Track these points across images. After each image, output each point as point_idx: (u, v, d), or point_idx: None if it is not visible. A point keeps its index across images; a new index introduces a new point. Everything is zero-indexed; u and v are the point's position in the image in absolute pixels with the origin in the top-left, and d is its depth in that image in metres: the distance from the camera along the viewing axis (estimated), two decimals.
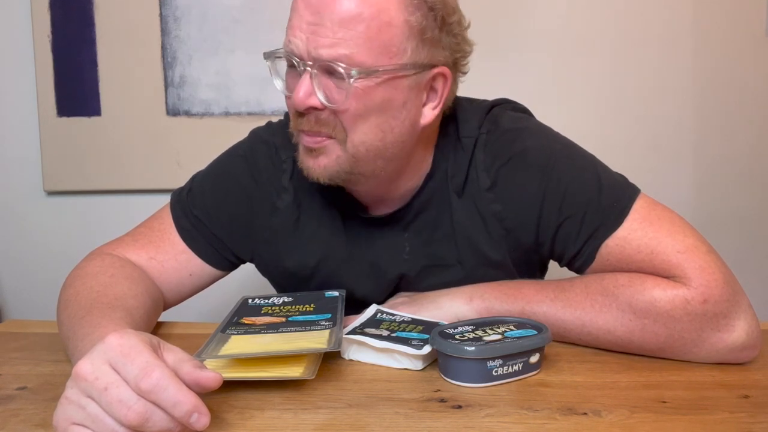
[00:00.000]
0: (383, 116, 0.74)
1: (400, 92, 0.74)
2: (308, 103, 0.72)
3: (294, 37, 0.72)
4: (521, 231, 0.82)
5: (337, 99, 0.72)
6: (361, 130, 0.74)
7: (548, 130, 0.86)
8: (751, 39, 1.66)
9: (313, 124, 0.74)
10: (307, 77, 0.72)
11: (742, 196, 1.72)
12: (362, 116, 0.73)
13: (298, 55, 0.72)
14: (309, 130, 0.75)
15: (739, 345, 0.69)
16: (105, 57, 1.70)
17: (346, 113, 0.72)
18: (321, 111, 0.73)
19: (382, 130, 0.75)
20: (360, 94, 0.71)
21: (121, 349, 0.51)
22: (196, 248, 0.88)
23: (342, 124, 0.73)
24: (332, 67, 0.70)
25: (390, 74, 0.72)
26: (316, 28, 0.70)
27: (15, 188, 1.78)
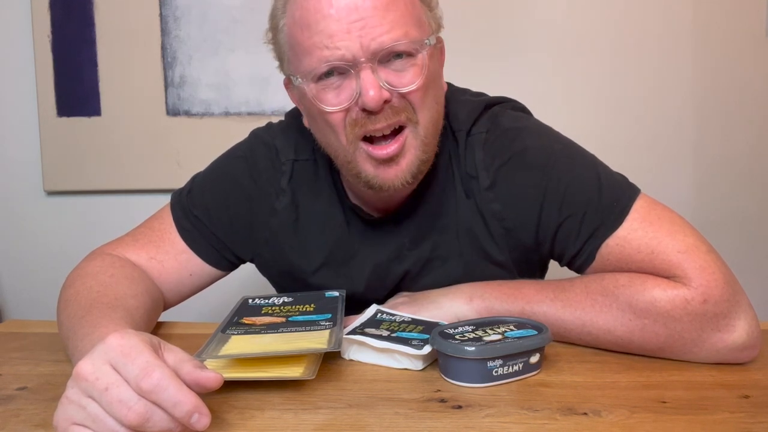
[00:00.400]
0: (435, 86, 0.77)
1: (436, 60, 0.78)
2: (383, 97, 0.72)
3: (340, 41, 0.70)
4: (521, 231, 0.82)
5: (405, 81, 0.73)
6: (427, 106, 0.76)
7: (548, 130, 0.86)
8: (751, 39, 1.66)
9: (391, 115, 0.74)
10: (369, 73, 0.71)
11: (742, 196, 1.72)
12: (427, 91, 0.75)
13: (350, 59, 0.71)
14: (387, 125, 0.73)
15: (740, 345, 0.69)
16: (105, 57, 1.70)
17: (417, 92, 0.74)
18: (390, 101, 0.73)
19: (437, 101, 0.78)
20: (424, 68, 0.73)
21: (121, 349, 0.51)
22: (197, 248, 0.88)
23: (412, 106, 0.74)
24: (395, 50, 0.71)
25: (433, 42, 0.76)
26: (364, 22, 0.70)
27: (15, 188, 1.78)
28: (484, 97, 0.89)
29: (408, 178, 0.76)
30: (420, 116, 0.75)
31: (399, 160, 0.75)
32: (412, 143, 0.76)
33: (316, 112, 0.76)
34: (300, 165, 0.87)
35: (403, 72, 0.73)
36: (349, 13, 0.70)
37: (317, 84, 0.74)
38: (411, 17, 0.73)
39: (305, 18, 0.72)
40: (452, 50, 0.84)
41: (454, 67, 0.83)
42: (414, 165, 0.76)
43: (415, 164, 0.76)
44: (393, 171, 0.76)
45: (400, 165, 0.76)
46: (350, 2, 0.70)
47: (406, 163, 0.76)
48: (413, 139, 0.76)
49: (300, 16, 0.73)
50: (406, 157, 0.76)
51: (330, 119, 0.75)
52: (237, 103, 1.70)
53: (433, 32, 0.77)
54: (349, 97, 0.73)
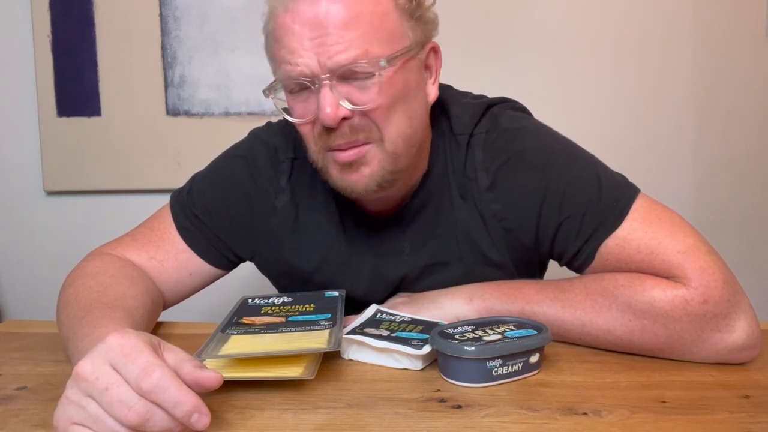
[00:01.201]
0: (407, 102, 0.76)
1: (413, 73, 0.76)
2: (340, 115, 0.72)
3: (300, 58, 0.71)
4: (521, 231, 0.82)
5: (366, 99, 0.72)
6: (394, 123, 0.74)
7: (548, 130, 0.86)
8: (751, 39, 1.66)
9: (349, 134, 0.73)
10: (327, 90, 0.71)
11: (742, 196, 1.72)
12: (392, 108, 0.74)
13: (310, 74, 0.72)
14: (345, 143, 0.74)
15: (740, 345, 0.69)
16: (105, 57, 1.70)
17: (378, 110, 0.73)
18: (351, 118, 0.73)
19: (409, 116, 0.76)
20: (386, 86, 0.72)
21: (121, 349, 0.51)
22: (197, 247, 0.88)
23: (375, 124, 0.74)
24: (353, 69, 0.71)
25: (403, 57, 0.74)
26: (323, 39, 0.70)
27: (15, 188, 1.78)
28: (485, 99, 0.89)
29: (372, 187, 0.76)
30: (386, 133, 0.74)
31: (361, 167, 0.75)
32: (376, 155, 0.75)
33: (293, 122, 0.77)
34: (299, 163, 0.87)
35: (365, 90, 0.72)
36: (310, 29, 0.70)
37: (291, 96, 0.76)
38: (376, 33, 0.71)
39: (276, 31, 0.73)
40: (452, 51, 0.84)
41: (454, 68, 0.83)
42: (378, 175, 0.76)
43: (379, 174, 0.76)
44: (355, 177, 0.76)
45: (363, 172, 0.76)
46: (312, 19, 0.70)
47: (370, 173, 0.76)
48: (379, 152, 0.75)
49: (273, 29, 0.74)
50: (370, 167, 0.75)
51: (300, 129, 0.77)
52: (237, 103, 1.70)
53: (413, 42, 0.75)
54: (313, 111, 0.73)
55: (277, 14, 0.73)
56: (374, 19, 0.71)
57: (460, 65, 0.84)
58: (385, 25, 0.72)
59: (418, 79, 0.77)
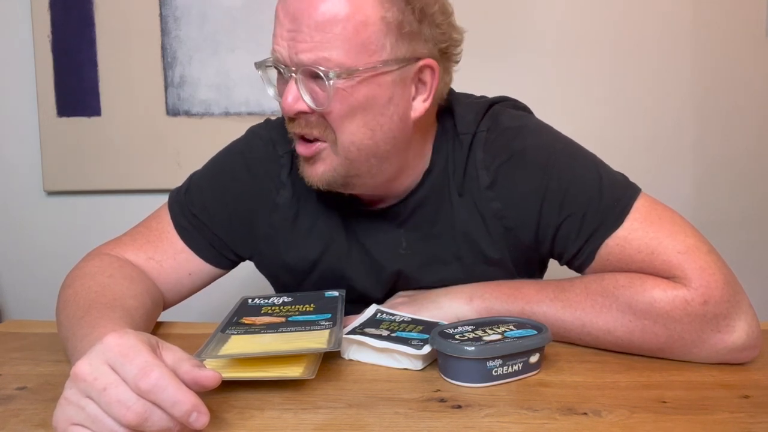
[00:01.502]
0: (369, 114, 0.75)
1: (384, 89, 0.74)
2: (296, 108, 0.74)
3: (278, 45, 0.73)
4: (521, 230, 0.82)
5: (321, 101, 0.73)
6: (349, 130, 0.74)
7: (549, 129, 0.86)
8: (751, 39, 1.66)
9: (304, 126, 0.75)
10: (293, 83, 0.73)
11: (742, 196, 1.72)
12: (348, 116, 0.74)
13: (283, 62, 0.74)
14: (300, 132, 0.76)
15: (740, 346, 0.69)
16: (105, 57, 1.70)
17: (331, 114, 0.74)
18: (310, 114, 0.74)
19: (370, 128, 0.75)
20: (343, 95, 0.72)
21: (119, 349, 0.51)
22: (195, 247, 0.88)
23: (330, 126, 0.74)
24: (313, 70, 0.71)
25: (370, 72, 0.72)
26: (295, 34, 0.71)
27: (15, 188, 1.78)
28: (487, 99, 0.89)
29: (322, 184, 0.78)
30: (339, 138, 0.75)
31: (314, 163, 0.78)
32: (328, 156, 0.76)
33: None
34: None
35: (324, 92, 0.72)
36: (289, 21, 0.71)
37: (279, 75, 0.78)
38: (345, 42, 0.70)
39: (275, 13, 0.75)
40: None
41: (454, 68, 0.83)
42: (329, 175, 0.77)
43: (330, 175, 0.77)
44: (310, 171, 0.78)
45: (316, 169, 0.78)
46: (294, 12, 0.71)
47: (322, 171, 0.77)
48: (331, 153, 0.76)
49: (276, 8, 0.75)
50: (323, 165, 0.77)
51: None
52: (237, 103, 1.70)
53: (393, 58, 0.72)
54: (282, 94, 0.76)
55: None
56: (348, 27, 0.70)
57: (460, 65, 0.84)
58: (359, 36, 0.71)
59: (392, 94, 0.75)
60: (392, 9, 0.72)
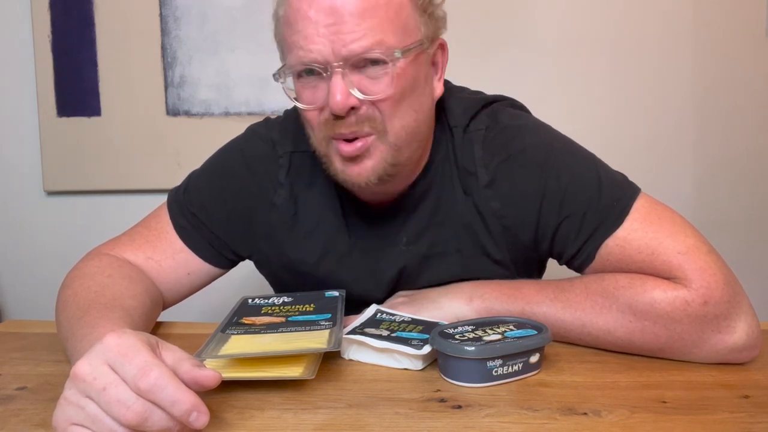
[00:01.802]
0: (414, 95, 0.76)
1: (422, 68, 0.76)
2: (349, 104, 0.72)
3: (313, 44, 0.71)
4: (520, 229, 0.82)
5: (376, 89, 0.72)
6: (400, 115, 0.75)
7: (548, 128, 0.86)
8: (751, 39, 1.66)
9: (354, 123, 0.74)
10: (338, 78, 0.71)
11: (742, 196, 1.72)
12: (399, 100, 0.74)
13: (322, 61, 0.72)
14: (350, 132, 0.74)
15: (740, 346, 0.69)
16: (105, 57, 1.70)
17: (386, 101, 0.73)
18: (359, 108, 0.73)
19: (414, 110, 0.76)
20: (397, 77, 0.72)
21: (119, 348, 0.51)
22: (195, 247, 0.88)
23: (382, 115, 0.74)
24: (366, 58, 0.71)
25: (415, 51, 0.74)
26: (338, 27, 0.70)
27: (15, 188, 1.78)
28: (482, 95, 0.89)
29: (373, 179, 0.76)
30: (389, 125, 0.74)
31: (363, 160, 0.76)
32: (378, 147, 0.75)
33: (299, 107, 0.77)
34: (298, 157, 0.87)
35: (376, 80, 0.72)
36: (326, 16, 0.70)
37: (299, 81, 0.75)
38: (391, 24, 0.72)
39: (290, 15, 0.73)
40: (452, 50, 0.83)
41: (454, 67, 0.83)
42: (380, 168, 0.76)
43: (381, 167, 0.76)
44: (357, 169, 0.76)
45: (365, 164, 0.76)
46: (329, 5, 0.70)
47: (372, 165, 0.76)
48: (380, 144, 0.75)
49: (286, 13, 0.74)
50: (372, 159, 0.76)
51: (307, 116, 0.77)
52: (237, 103, 1.70)
53: (425, 37, 0.76)
54: (322, 98, 0.73)
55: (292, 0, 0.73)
56: (390, 10, 0.71)
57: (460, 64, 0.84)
58: (400, 17, 0.73)
59: (426, 74, 0.78)
60: None
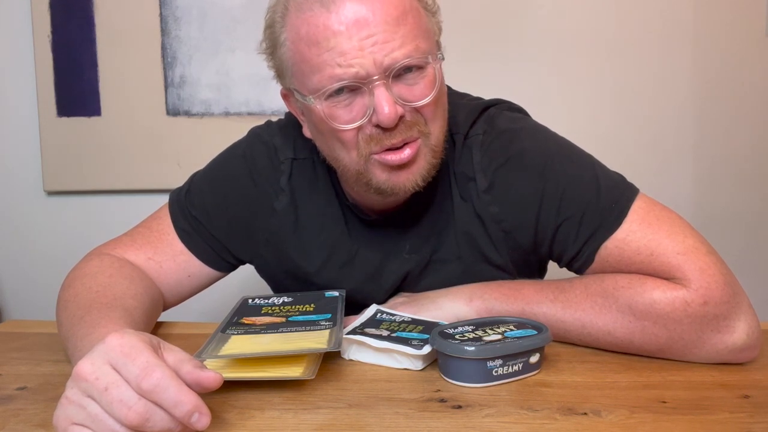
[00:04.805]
0: (444, 96, 0.78)
1: (442, 69, 0.77)
2: (399, 113, 0.71)
3: (354, 59, 0.69)
4: (519, 233, 0.82)
5: (419, 95, 0.72)
6: (438, 117, 0.76)
7: (545, 131, 0.86)
8: (751, 39, 1.66)
9: (405, 131, 0.73)
10: (383, 90, 0.70)
11: (742, 196, 1.72)
12: (438, 102, 0.75)
13: (364, 76, 0.69)
14: (401, 140, 0.73)
15: (740, 346, 0.69)
16: (105, 57, 1.70)
17: (429, 105, 0.73)
18: (404, 116, 0.73)
19: (445, 110, 0.78)
20: (434, 81, 0.73)
21: (121, 348, 0.51)
22: (195, 249, 0.88)
23: (424, 119, 0.74)
24: (407, 65, 0.71)
25: (438, 53, 0.75)
26: (376, 38, 0.69)
27: (15, 188, 1.78)
28: (481, 101, 0.89)
29: (419, 182, 0.76)
30: (431, 127, 0.75)
31: (411, 165, 0.75)
32: (423, 150, 0.75)
33: (326, 129, 0.74)
34: (299, 164, 0.87)
35: (415, 86, 0.72)
36: (359, 29, 0.68)
37: (328, 101, 0.72)
38: (420, 29, 0.72)
39: (313, 34, 0.70)
40: (451, 51, 0.83)
41: (453, 69, 0.83)
42: (425, 169, 0.76)
43: (425, 168, 0.76)
44: (404, 175, 0.75)
45: (412, 170, 0.75)
46: (360, 18, 0.68)
47: (418, 168, 0.76)
48: (424, 146, 0.75)
49: (307, 33, 0.71)
50: (418, 163, 0.75)
51: (342, 136, 0.74)
52: (237, 103, 1.70)
53: (438, 40, 0.77)
54: (362, 114, 0.72)
55: (312, 16, 0.70)
56: (416, 16, 0.72)
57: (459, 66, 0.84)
58: (423, 22, 0.74)
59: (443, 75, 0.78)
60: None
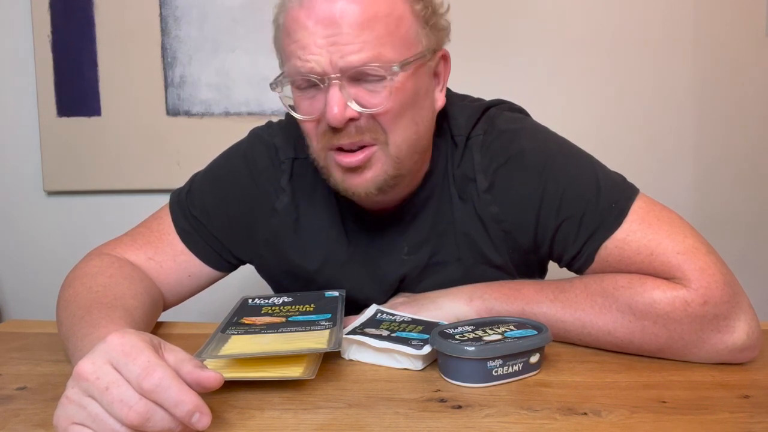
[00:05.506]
0: (415, 108, 0.75)
1: (422, 80, 0.76)
2: (347, 116, 0.71)
3: (311, 55, 0.70)
4: (519, 233, 0.82)
5: (375, 102, 0.72)
6: (400, 128, 0.74)
7: (545, 131, 0.86)
8: (751, 39, 1.66)
9: (354, 134, 0.73)
10: (336, 90, 0.70)
11: (742, 196, 1.72)
12: (400, 113, 0.74)
13: (320, 72, 0.71)
14: (350, 143, 0.73)
15: (740, 346, 0.69)
16: (105, 57, 1.70)
17: (386, 114, 0.73)
18: (358, 120, 0.73)
19: (415, 122, 0.76)
20: (396, 91, 0.72)
21: (122, 348, 0.51)
22: (196, 249, 0.88)
23: (381, 127, 0.73)
24: (364, 71, 0.70)
25: (416, 63, 0.74)
26: (336, 38, 0.69)
27: (15, 188, 1.78)
28: (482, 102, 0.89)
29: (372, 190, 0.76)
30: (391, 137, 0.74)
31: (364, 171, 0.75)
32: (380, 158, 0.75)
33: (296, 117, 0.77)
34: (299, 163, 0.87)
35: (375, 93, 0.72)
36: (324, 27, 0.69)
37: (296, 90, 0.75)
38: (391, 37, 0.71)
39: (288, 24, 0.73)
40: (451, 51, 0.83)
41: (453, 69, 0.83)
42: (380, 179, 0.76)
43: (381, 178, 0.76)
44: (357, 180, 0.76)
45: (365, 176, 0.75)
46: (328, 16, 0.69)
47: (372, 176, 0.75)
48: (382, 155, 0.75)
49: (285, 22, 0.73)
50: (373, 170, 0.75)
51: (304, 126, 0.77)
52: (237, 103, 1.70)
53: (426, 49, 0.75)
54: (319, 109, 0.73)
55: (291, 7, 0.72)
56: (390, 23, 0.71)
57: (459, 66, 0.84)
58: (400, 30, 0.72)
59: (427, 85, 0.77)
60: (419, 2, 0.74)
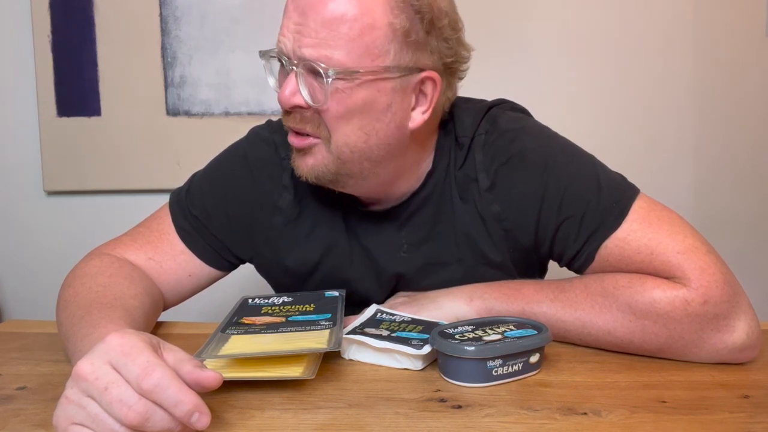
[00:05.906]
0: (366, 118, 0.74)
1: (384, 95, 0.74)
2: (293, 102, 0.74)
3: (283, 37, 0.74)
4: (520, 232, 0.82)
5: (319, 98, 0.73)
6: (343, 131, 0.75)
7: (547, 130, 0.86)
8: (751, 39, 1.66)
9: (298, 121, 0.76)
10: (293, 76, 0.73)
11: (742, 196, 1.72)
12: (343, 117, 0.74)
13: (286, 54, 0.74)
14: (293, 127, 0.77)
15: (740, 345, 0.70)
16: (105, 57, 1.70)
17: (327, 113, 0.74)
18: (306, 110, 0.75)
19: (365, 132, 0.75)
20: (341, 95, 0.72)
21: (121, 348, 0.51)
22: (196, 249, 0.88)
23: (325, 124, 0.75)
24: (313, 66, 0.72)
25: (371, 76, 0.72)
26: (302, 28, 0.71)
27: (15, 188, 1.78)
28: (485, 102, 0.89)
29: (311, 178, 0.78)
30: (333, 136, 0.75)
31: (306, 156, 0.78)
32: (320, 151, 0.76)
33: None
34: None
35: (322, 90, 0.72)
36: (298, 15, 0.72)
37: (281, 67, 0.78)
38: (349, 43, 0.70)
39: (286, 4, 0.75)
40: None
41: None
42: (320, 170, 0.77)
43: (320, 170, 0.77)
44: (300, 162, 0.79)
45: (307, 161, 0.78)
46: (304, 6, 0.71)
47: (313, 163, 0.77)
48: (323, 149, 0.76)
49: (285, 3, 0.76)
50: (314, 159, 0.77)
51: None
52: (237, 103, 1.70)
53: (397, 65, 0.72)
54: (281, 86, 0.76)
55: None
56: (354, 27, 0.70)
57: None
58: (364, 38, 0.71)
59: (391, 101, 0.74)
60: (401, 16, 0.71)
